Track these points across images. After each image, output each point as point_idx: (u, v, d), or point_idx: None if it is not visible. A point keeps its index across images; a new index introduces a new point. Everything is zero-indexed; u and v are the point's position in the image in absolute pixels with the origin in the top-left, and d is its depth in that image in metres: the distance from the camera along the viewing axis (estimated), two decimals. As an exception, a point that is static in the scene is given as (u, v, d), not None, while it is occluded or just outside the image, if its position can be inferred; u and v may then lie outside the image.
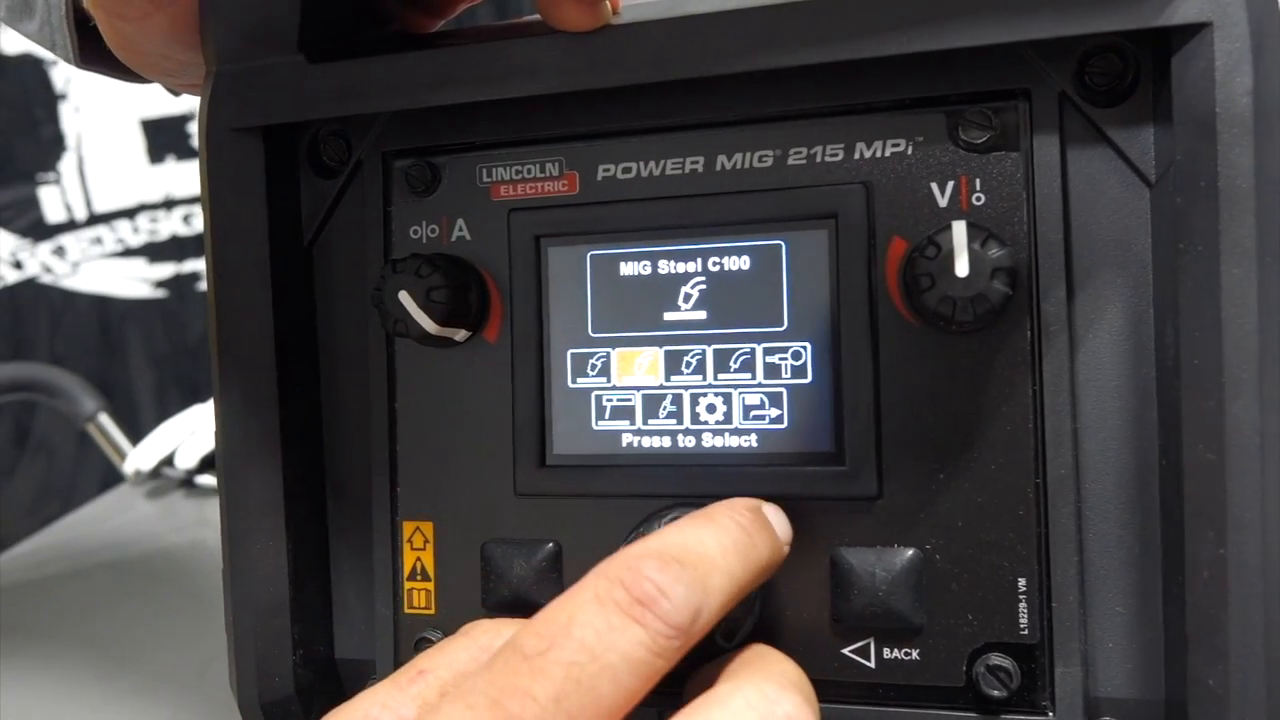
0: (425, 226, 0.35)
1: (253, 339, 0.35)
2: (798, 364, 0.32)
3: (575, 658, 0.23)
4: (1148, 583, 0.30)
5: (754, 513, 0.29)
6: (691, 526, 0.27)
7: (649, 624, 0.24)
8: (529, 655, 0.24)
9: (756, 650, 0.28)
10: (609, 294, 0.33)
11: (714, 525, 0.27)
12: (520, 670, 0.23)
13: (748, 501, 0.30)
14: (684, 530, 0.27)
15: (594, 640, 0.24)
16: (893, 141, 0.31)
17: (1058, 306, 0.30)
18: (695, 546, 0.26)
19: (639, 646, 0.24)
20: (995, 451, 0.30)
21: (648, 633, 0.24)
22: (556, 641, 0.24)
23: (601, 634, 0.24)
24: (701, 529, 0.27)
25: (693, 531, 0.27)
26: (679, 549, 0.26)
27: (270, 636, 0.35)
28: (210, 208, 0.34)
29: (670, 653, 0.24)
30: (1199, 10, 0.26)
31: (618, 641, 0.24)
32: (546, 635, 0.24)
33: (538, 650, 0.24)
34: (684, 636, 0.24)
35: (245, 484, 0.35)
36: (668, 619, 0.24)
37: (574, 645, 0.24)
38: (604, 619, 0.24)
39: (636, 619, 0.24)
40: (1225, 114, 0.26)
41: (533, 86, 0.31)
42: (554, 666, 0.23)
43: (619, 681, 0.23)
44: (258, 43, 0.33)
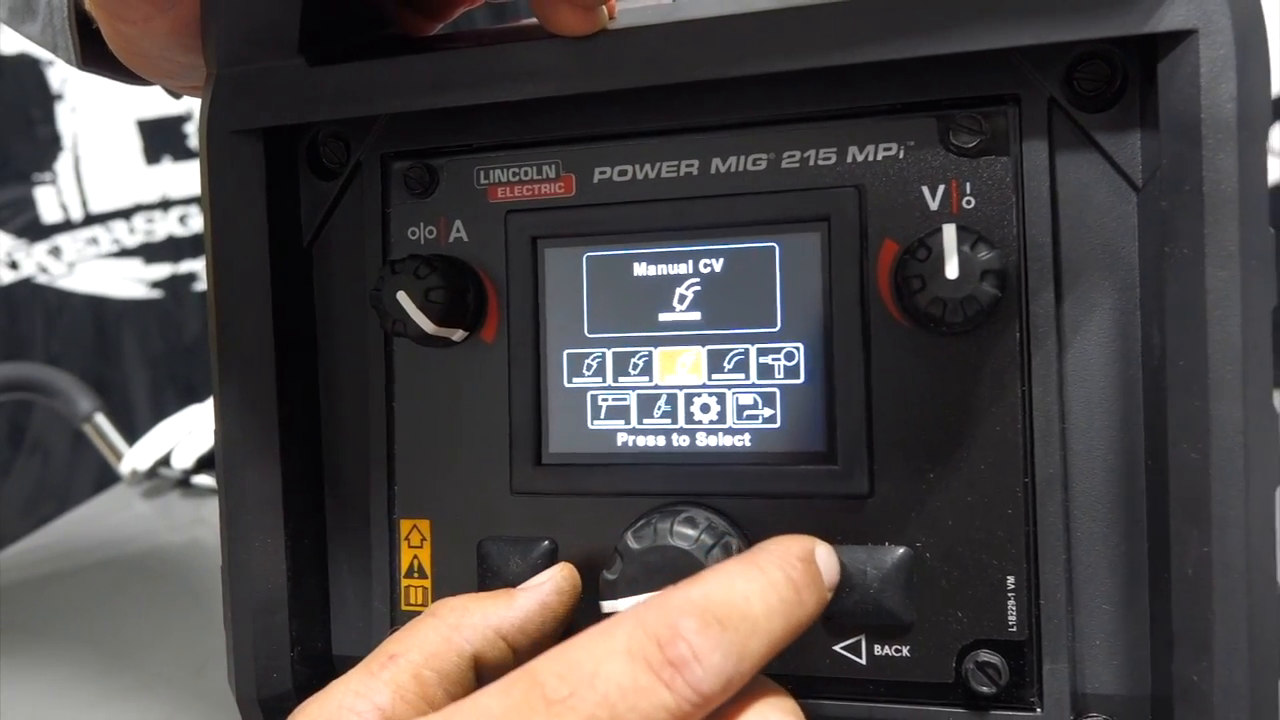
0: (423, 228, 0.35)
1: (252, 338, 0.35)
2: (791, 364, 0.32)
3: (595, 712, 0.23)
4: (1134, 580, 0.30)
5: (806, 563, 0.27)
6: (739, 577, 0.26)
7: (677, 689, 0.23)
8: (550, 698, 0.23)
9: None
10: (605, 295, 0.34)
11: (763, 579, 0.26)
12: (538, 710, 0.23)
13: (803, 546, 0.28)
14: (731, 582, 0.25)
15: (617, 697, 0.23)
16: (884, 145, 0.31)
17: (1046, 308, 0.30)
18: (741, 605, 0.25)
19: (661, 710, 0.23)
20: (984, 451, 0.31)
21: (674, 698, 0.23)
22: (579, 691, 0.23)
23: (626, 692, 0.23)
24: (750, 582, 0.25)
25: (740, 584, 0.25)
26: (723, 607, 0.24)
27: (268, 633, 0.35)
28: (210, 209, 0.35)
29: (691, 718, 0.23)
30: (1185, 18, 0.27)
31: (641, 703, 0.23)
32: (570, 680, 0.23)
33: (559, 695, 0.23)
34: (709, 704, 0.24)
35: (244, 481, 0.35)
36: (697, 687, 0.23)
37: (596, 697, 0.23)
38: (631, 676, 0.23)
39: (666, 682, 0.23)
40: (1210, 119, 0.26)
41: (530, 90, 0.32)
42: (571, 715, 0.23)
43: None
44: (258, 46, 0.33)
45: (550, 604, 0.32)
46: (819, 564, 0.28)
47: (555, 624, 0.32)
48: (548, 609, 0.32)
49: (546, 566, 0.34)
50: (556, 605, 0.32)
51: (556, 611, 0.32)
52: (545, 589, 0.32)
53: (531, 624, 0.31)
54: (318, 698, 0.29)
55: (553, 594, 0.32)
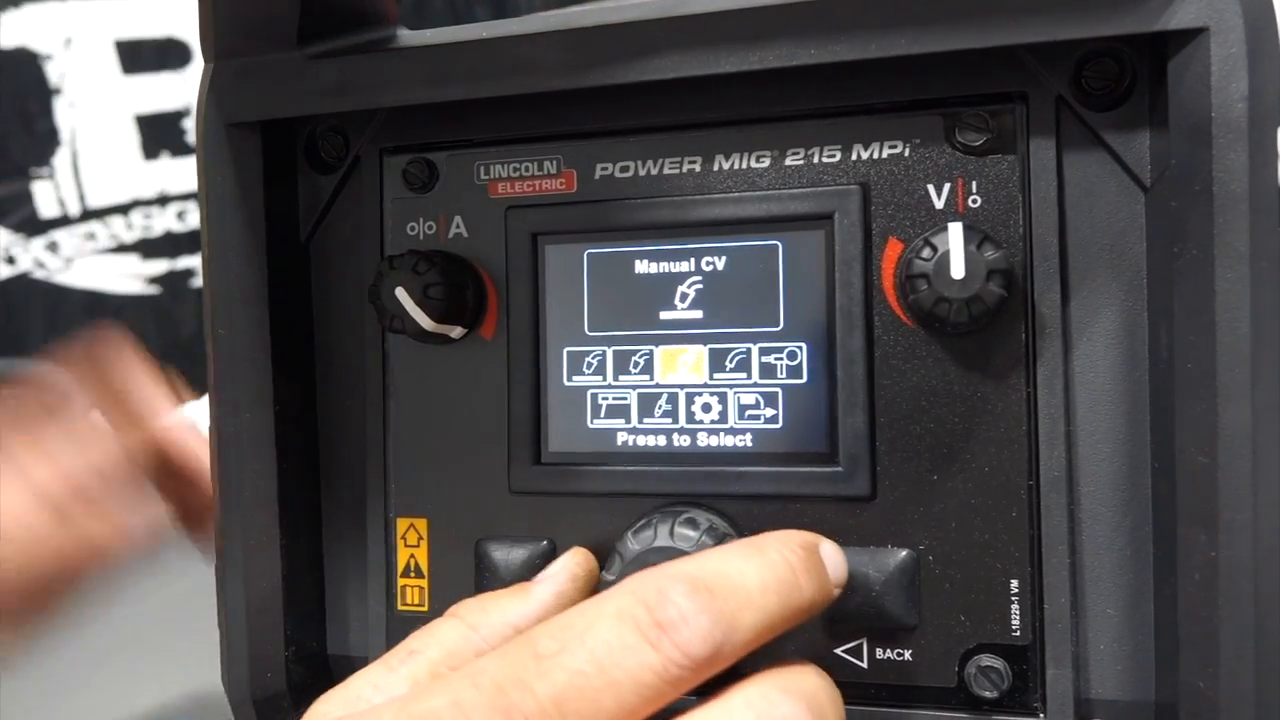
0: (422, 223, 0.35)
1: (248, 334, 0.34)
2: (793, 364, 0.32)
3: (582, 667, 0.23)
4: (1139, 585, 0.30)
5: (807, 550, 0.28)
6: (736, 555, 0.26)
7: (663, 649, 0.24)
8: (540, 654, 0.24)
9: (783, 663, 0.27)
10: (605, 292, 0.33)
11: (760, 558, 0.26)
12: (529, 665, 0.24)
13: (806, 537, 0.28)
14: (727, 557, 0.26)
15: (604, 654, 0.23)
16: (890, 143, 0.31)
17: (1052, 309, 0.30)
18: (734, 577, 0.25)
19: (647, 670, 0.23)
20: (989, 453, 0.30)
21: (660, 657, 0.23)
22: (569, 646, 0.24)
23: (613, 649, 0.23)
24: (746, 560, 0.26)
25: (736, 561, 0.26)
26: (715, 577, 0.25)
27: (263, 632, 0.35)
28: (207, 203, 0.34)
29: (681, 682, 0.24)
30: (1196, 16, 0.26)
31: (627, 660, 0.23)
32: (560, 639, 0.24)
33: (549, 651, 0.24)
34: (699, 668, 0.24)
35: (239, 479, 0.34)
36: (684, 648, 0.24)
37: (584, 654, 0.23)
38: (619, 635, 0.24)
39: (651, 642, 0.24)
40: (1221, 119, 0.26)
41: (530, 84, 0.31)
42: (560, 671, 0.23)
43: (621, 699, 0.23)
44: (256, 38, 0.33)
45: (566, 592, 0.32)
46: (823, 557, 0.28)
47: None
48: (564, 597, 0.31)
49: (545, 567, 0.33)
50: (572, 592, 0.32)
51: (573, 598, 0.32)
52: (559, 578, 0.32)
53: (549, 614, 0.31)
54: (338, 689, 0.29)
55: (567, 582, 0.32)
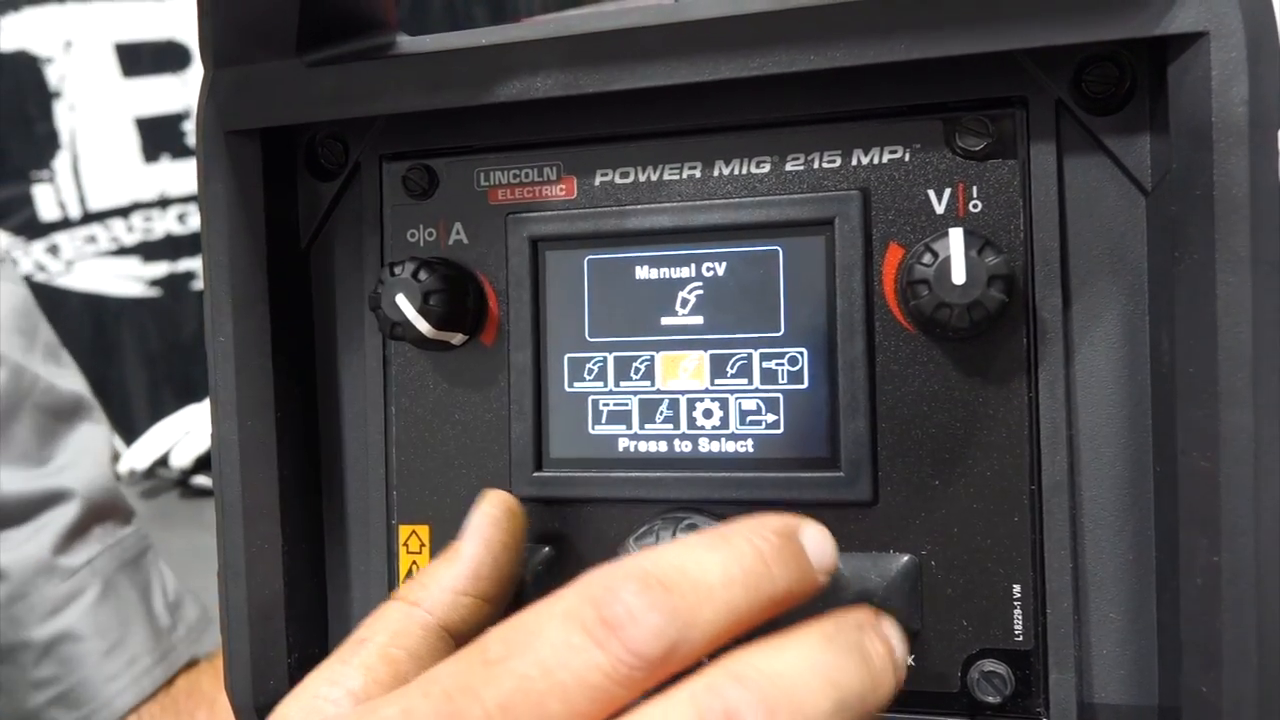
0: (423, 230, 0.35)
1: (249, 340, 0.34)
2: (794, 370, 0.32)
3: (528, 670, 0.23)
4: (1142, 589, 0.30)
5: (782, 537, 0.26)
6: (698, 546, 0.25)
7: (610, 649, 0.23)
8: (489, 660, 0.23)
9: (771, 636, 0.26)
10: (606, 299, 0.33)
11: (726, 548, 0.25)
12: (477, 671, 0.23)
13: (782, 522, 0.26)
14: (687, 549, 0.25)
15: (549, 656, 0.23)
16: (890, 148, 0.31)
17: (1053, 314, 0.30)
18: (692, 571, 0.24)
19: (595, 670, 0.22)
20: (990, 458, 0.30)
21: (607, 658, 0.23)
22: (515, 651, 0.23)
23: (558, 651, 0.23)
24: (709, 551, 0.25)
25: (696, 552, 0.25)
26: (670, 571, 0.24)
27: (265, 638, 0.35)
28: (207, 210, 0.34)
29: (634, 683, 0.23)
30: (1196, 20, 0.26)
31: (572, 661, 0.23)
32: (509, 642, 0.23)
33: (498, 656, 0.23)
34: (652, 668, 0.23)
35: (241, 486, 0.34)
36: (632, 647, 0.23)
37: (530, 658, 0.23)
38: (565, 636, 0.23)
39: (598, 642, 0.23)
40: (1221, 123, 0.26)
41: (529, 91, 0.31)
42: (507, 676, 0.23)
43: (569, 702, 0.22)
44: (255, 45, 0.33)
45: (492, 538, 0.31)
46: (805, 541, 0.26)
47: (508, 554, 0.31)
48: (494, 544, 0.31)
49: (548, 573, 0.33)
50: (500, 535, 0.31)
51: (504, 542, 0.31)
52: (481, 528, 0.31)
53: (485, 566, 0.31)
54: (295, 691, 0.28)
55: (489, 528, 0.31)
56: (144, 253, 1.60)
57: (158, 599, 0.59)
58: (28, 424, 0.57)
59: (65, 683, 0.54)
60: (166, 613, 0.59)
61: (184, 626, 0.59)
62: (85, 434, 0.60)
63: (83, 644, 0.54)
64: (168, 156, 1.59)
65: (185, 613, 0.60)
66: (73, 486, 0.57)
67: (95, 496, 0.58)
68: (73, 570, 0.56)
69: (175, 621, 0.59)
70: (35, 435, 0.57)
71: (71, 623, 0.55)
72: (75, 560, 0.56)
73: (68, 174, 1.55)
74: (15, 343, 0.58)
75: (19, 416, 0.57)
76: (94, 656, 0.55)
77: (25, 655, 0.54)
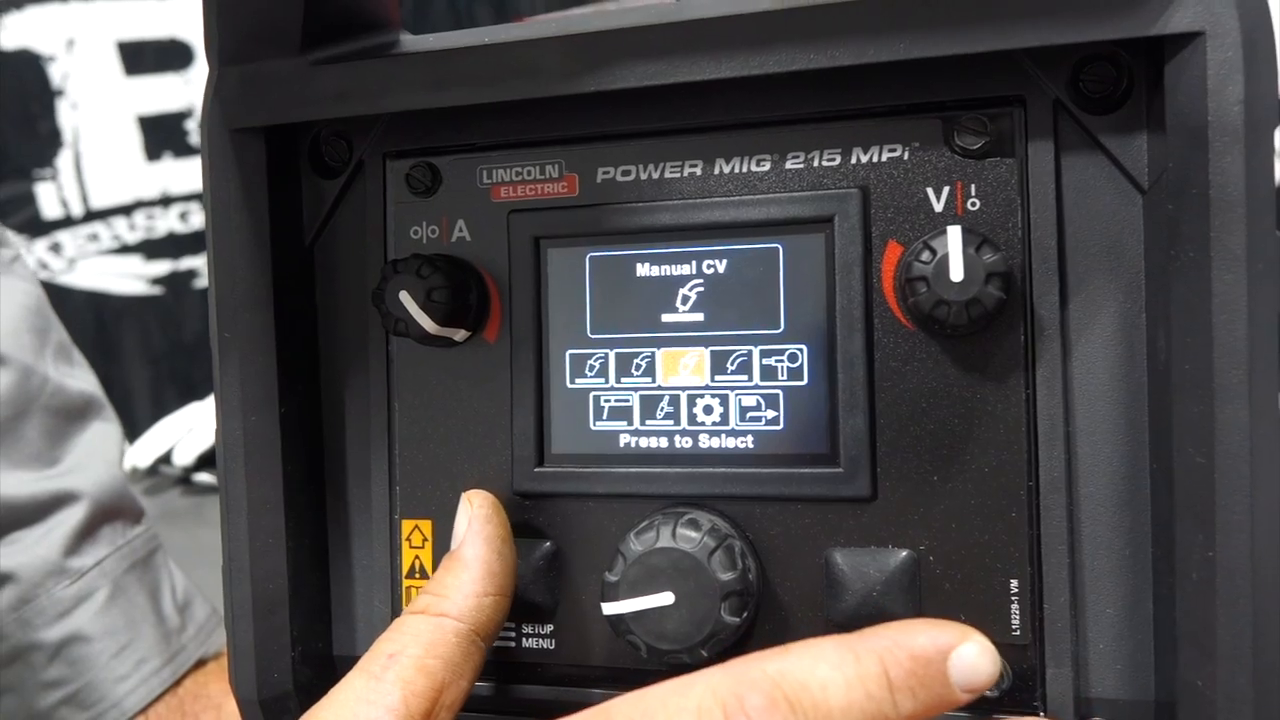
0: (426, 227, 0.35)
1: (253, 337, 0.35)
2: (794, 366, 0.32)
3: None
4: (1138, 584, 0.30)
5: (919, 663, 0.25)
6: (828, 659, 0.25)
7: None
8: None
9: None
10: (608, 295, 0.34)
11: (853, 670, 0.25)
12: None
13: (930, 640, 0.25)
14: (815, 664, 0.25)
15: None
16: (889, 147, 0.31)
17: (1051, 311, 0.30)
18: (814, 692, 0.24)
19: None
20: (988, 454, 0.30)
21: None
22: None
23: None
24: (836, 669, 0.25)
25: (824, 669, 0.25)
26: (796, 689, 0.24)
27: (269, 633, 0.35)
28: (212, 207, 0.35)
29: None
30: (1192, 20, 0.26)
31: None
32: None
33: None
34: None
35: (245, 481, 0.35)
36: None
37: None
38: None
39: None
40: (1217, 123, 0.26)
41: (531, 89, 0.31)
42: None
43: None
44: (261, 44, 0.33)
45: (492, 535, 0.32)
46: (954, 661, 0.25)
47: (508, 547, 0.32)
48: (494, 540, 0.32)
49: (548, 568, 0.34)
50: (498, 531, 0.32)
51: (503, 536, 0.32)
52: (480, 526, 0.32)
53: (494, 564, 0.32)
54: (325, 710, 0.29)
55: (486, 525, 0.32)
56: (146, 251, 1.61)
57: (167, 599, 0.59)
58: (37, 425, 0.57)
59: (75, 684, 0.55)
60: (176, 613, 0.59)
61: (193, 626, 0.60)
62: (95, 434, 0.60)
63: (92, 645, 0.55)
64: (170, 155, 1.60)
65: (194, 613, 0.60)
66: (82, 488, 0.57)
67: (104, 497, 0.58)
68: (82, 572, 0.56)
69: (184, 622, 0.59)
70: (44, 437, 0.58)
71: (81, 624, 0.55)
72: (85, 562, 0.56)
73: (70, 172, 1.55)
74: (26, 343, 0.58)
75: (28, 418, 0.57)
76: (103, 657, 0.55)
77: (36, 656, 0.54)
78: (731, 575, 0.30)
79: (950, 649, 0.25)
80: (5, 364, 0.56)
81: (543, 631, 0.34)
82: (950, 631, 0.25)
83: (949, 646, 0.25)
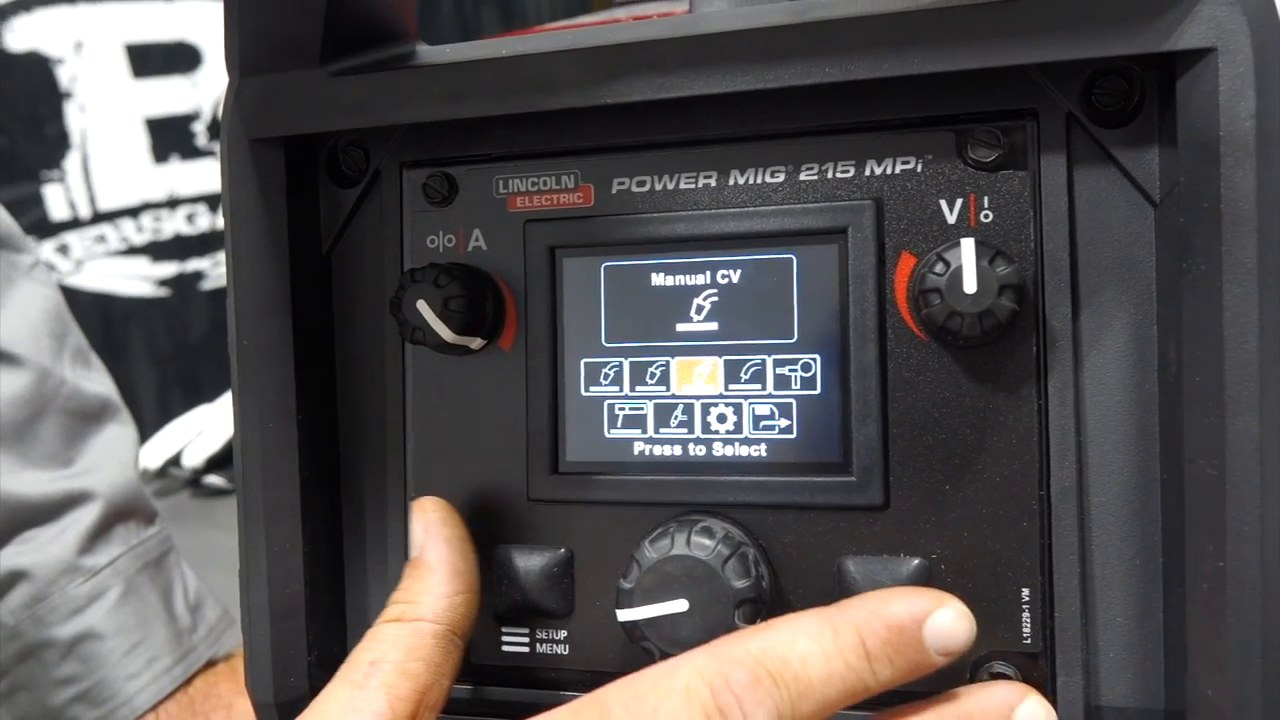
0: (442, 236, 0.36)
1: (271, 344, 0.35)
2: (807, 375, 0.32)
3: None
4: (1149, 594, 0.30)
5: (895, 631, 0.26)
6: (806, 634, 0.26)
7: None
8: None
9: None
10: (622, 305, 0.34)
11: (831, 642, 0.26)
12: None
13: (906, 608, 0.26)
14: (795, 638, 0.26)
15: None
16: (903, 159, 0.32)
17: (1063, 322, 0.30)
18: (795, 665, 0.25)
19: None
20: (1000, 464, 0.31)
21: None
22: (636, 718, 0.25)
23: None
24: (815, 641, 0.26)
25: (804, 642, 0.26)
26: (777, 663, 0.25)
27: (285, 637, 0.35)
28: (231, 215, 0.35)
29: None
30: (1204, 36, 0.27)
31: None
32: (632, 711, 0.25)
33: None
34: None
35: (262, 486, 0.35)
36: None
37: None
38: (686, 715, 0.25)
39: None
40: (1229, 137, 0.26)
41: (548, 102, 0.32)
42: None
43: None
44: (280, 56, 0.34)
45: (450, 535, 0.33)
46: (930, 626, 0.27)
47: (466, 544, 0.33)
48: (453, 540, 0.33)
49: (563, 575, 0.34)
50: (455, 531, 0.33)
51: (460, 534, 0.33)
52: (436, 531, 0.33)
53: (457, 563, 0.33)
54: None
55: (443, 527, 0.33)
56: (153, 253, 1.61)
57: (179, 599, 0.60)
58: (53, 426, 0.58)
59: (87, 681, 0.55)
60: (187, 613, 0.59)
61: (204, 627, 0.60)
62: (111, 436, 0.61)
63: (104, 643, 0.55)
64: (177, 157, 1.60)
65: (206, 613, 0.61)
66: (96, 488, 0.58)
67: (118, 498, 0.59)
68: (95, 570, 0.56)
69: (196, 622, 0.60)
70: (60, 437, 0.58)
71: (94, 622, 0.55)
72: (98, 560, 0.57)
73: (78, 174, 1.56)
74: (45, 346, 0.59)
75: (45, 419, 0.57)
76: (115, 655, 0.55)
77: (49, 654, 0.55)
78: (745, 583, 0.30)
79: (925, 615, 0.27)
80: (23, 366, 0.57)
81: (557, 637, 0.35)
82: (925, 598, 0.27)
83: (924, 613, 0.27)
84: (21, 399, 0.56)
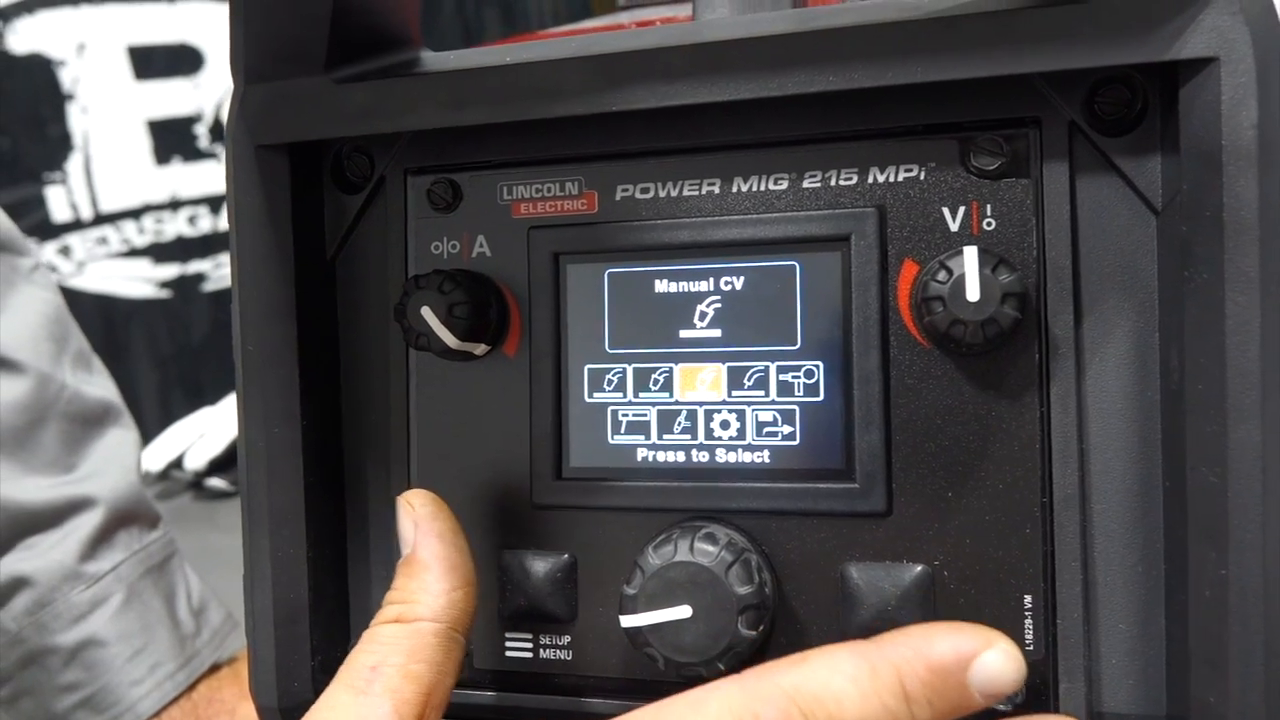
0: (446, 242, 0.36)
1: (276, 349, 0.35)
2: (810, 382, 0.32)
3: None
4: (1151, 600, 0.30)
5: (939, 672, 0.25)
6: (844, 671, 0.25)
7: None
8: None
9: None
10: (626, 311, 0.34)
11: (869, 683, 0.25)
12: None
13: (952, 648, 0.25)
14: (830, 676, 0.25)
15: None
16: (906, 167, 0.32)
17: (1065, 330, 0.30)
18: (830, 704, 0.24)
19: None
20: (1003, 471, 0.31)
21: None
22: None
23: None
24: (851, 682, 0.25)
25: (839, 681, 0.25)
26: (810, 702, 0.24)
27: (289, 642, 0.35)
28: (236, 221, 0.35)
29: None
30: (1207, 45, 0.27)
31: None
32: None
33: None
34: None
35: (266, 491, 0.35)
36: None
37: None
38: None
39: None
40: (1231, 146, 0.27)
41: (552, 109, 0.32)
42: None
43: None
44: (285, 63, 0.34)
45: (442, 530, 0.32)
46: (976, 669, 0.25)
47: (459, 537, 0.32)
48: (445, 534, 0.32)
49: (567, 580, 0.34)
50: (447, 524, 0.32)
51: (452, 527, 0.32)
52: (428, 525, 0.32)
53: (452, 557, 0.32)
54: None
55: (434, 521, 0.32)
56: (155, 254, 1.62)
57: (182, 604, 0.60)
58: (54, 432, 0.58)
59: (90, 687, 0.55)
60: (190, 618, 0.60)
61: (208, 631, 0.60)
62: (113, 441, 0.61)
63: (107, 649, 0.55)
64: (179, 159, 1.60)
65: (209, 617, 0.61)
66: (98, 493, 0.58)
67: (121, 503, 0.59)
68: (98, 576, 0.57)
69: (199, 626, 0.60)
70: (62, 443, 0.58)
71: (97, 628, 0.56)
72: (101, 566, 0.57)
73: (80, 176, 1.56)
74: (45, 350, 0.59)
75: (46, 425, 0.58)
76: (118, 661, 0.55)
77: (51, 660, 0.55)
78: (748, 589, 0.30)
79: (972, 657, 0.25)
80: (24, 371, 0.57)
81: (560, 642, 0.35)
82: (972, 638, 0.25)
83: (971, 654, 0.25)
84: (22, 405, 0.56)
